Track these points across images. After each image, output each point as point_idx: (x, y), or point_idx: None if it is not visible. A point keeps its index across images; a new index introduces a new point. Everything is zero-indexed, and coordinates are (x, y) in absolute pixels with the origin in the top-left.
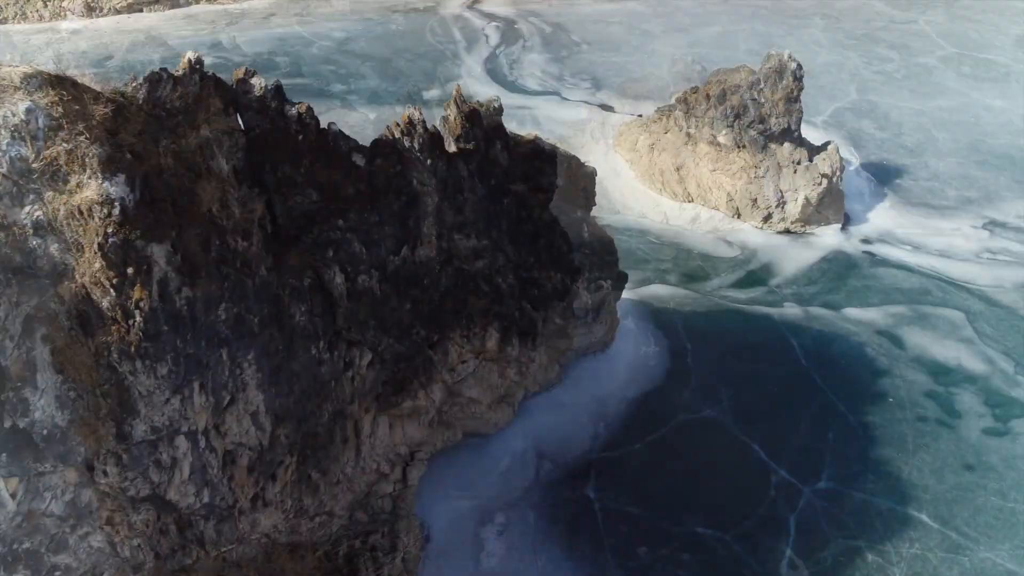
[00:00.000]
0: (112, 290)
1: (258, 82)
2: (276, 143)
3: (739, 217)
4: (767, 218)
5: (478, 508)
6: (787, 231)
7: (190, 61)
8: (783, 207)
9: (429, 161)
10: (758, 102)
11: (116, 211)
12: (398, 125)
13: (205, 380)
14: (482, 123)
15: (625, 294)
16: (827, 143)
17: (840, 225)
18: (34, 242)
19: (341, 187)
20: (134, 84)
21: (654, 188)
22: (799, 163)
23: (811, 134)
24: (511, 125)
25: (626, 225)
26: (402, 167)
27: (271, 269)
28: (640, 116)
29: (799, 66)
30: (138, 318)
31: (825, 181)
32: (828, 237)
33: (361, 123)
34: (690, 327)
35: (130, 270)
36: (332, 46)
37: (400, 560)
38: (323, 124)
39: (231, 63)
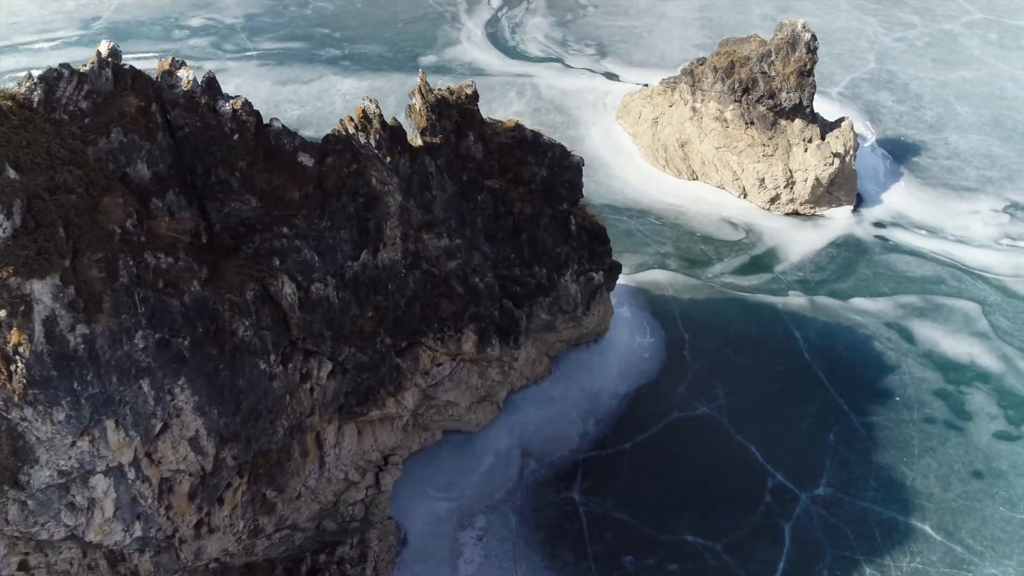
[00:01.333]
0: None
1: (186, 75)
2: (208, 144)
3: (745, 197)
4: (775, 199)
5: (458, 510)
6: (795, 213)
7: (99, 54)
8: (792, 187)
9: (389, 158)
10: (768, 76)
11: None
12: (351, 119)
13: (121, 416)
14: (452, 113)
15: (622, 280)
16: (841, 119)
17: (852, 207)
18: None
19: (285, 191)
20: (28, 84)
21: (657, 164)
22: (810, 141)
23: (825, 107)
24: (509, 95)
25: (626, 204)
26: (358, 165)
27: (206, 283)
28: (646, 86)
29: (813, 37)
30: (19, 364)
31: (837, 161)
32: (838, 220)
33: (354, 91)
34: (688, 316)
35: (2, 312)
36: (327, 7)
37: (371, 570)
38: (311, 101)
39: (222, 25)
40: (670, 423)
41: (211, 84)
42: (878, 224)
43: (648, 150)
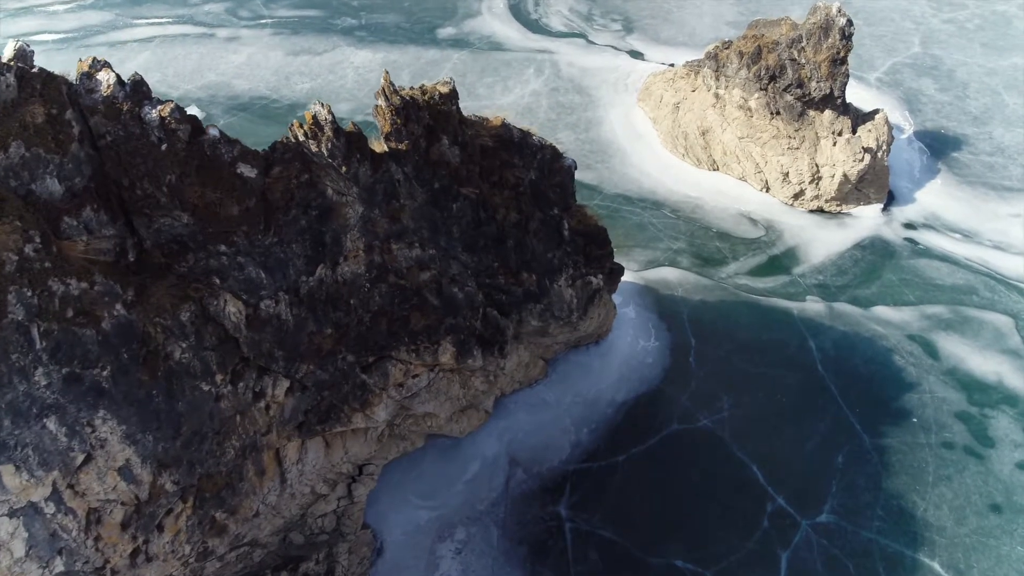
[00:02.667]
0: None
1: (106, 78)
2: (131, 155)
3: (768, 191)
4: (799, 195)
5: (438, 520)
6: (820, 210)
7: None
8: (817, 183)
9: (345, 168)
10: (798, 63)
11: None
12: (301, 126)
13: (21, 459)
14: (422, 116)
15: (630, 277)
16: (875, 111)
17: (882, 205)
18: None
19: (221, 206)
20: None
21: (676, 152)
22: (840, 134)
23: (861, 94)
24: (527, 72)
25: (640, 195)
26: (309, 175)
27: (133, 305)
28: (672, 66)
29: (849, 22)
30: None
31: (868, 156)
32: (866, 219)
33: (367, 64)
34: (697, 319)
35: None
36: None
37: None
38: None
39: None
40: (668, 436)
41: (137, 87)
42: (909, 225)
43: (668, 137)
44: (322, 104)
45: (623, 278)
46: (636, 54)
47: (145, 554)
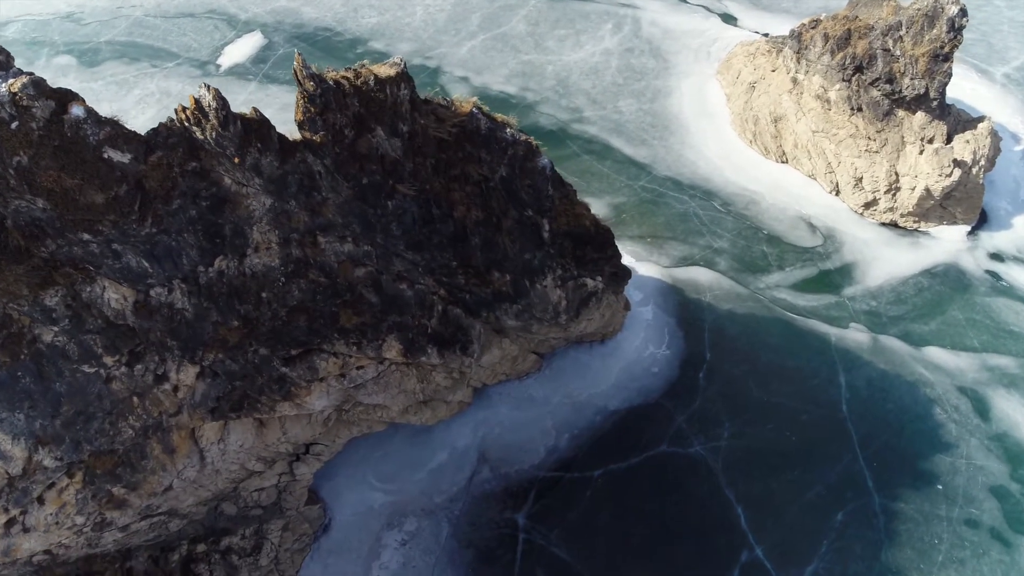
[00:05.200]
0: None
1: None
2: None
3: (837, 195)
4: (870, 204)
5: (391, 506)
6: (893, 224)
7: None
8: (894, 194)
9: (238, 159)
10: (891, 54)
11: None
12: (185, 110)
13: None
14: (347, 104)
15: (656, 272)
16: (981, 118)
17: (969, 228)
18: None
19: (82, 193)
20: None
21: (744, 137)
22: (930, 142)
23: (979, 91)
24: (604, 28)
25: (692, 181)
26: (199, 163)
27: None
28: (766, 36)
29: (961, 12)
30: None
31: (957, 171)
32: (945, 242)
33: (439, 2)
34: (719, 331)
35: None
36: None
37: (268, 560)
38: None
39: None
40: (654, 457)
41: None
42: (996, 256)
43: (738, 118)
44: (208, 87)
45: (648, 273)
46: (729, 18)
47: (22, 524)
